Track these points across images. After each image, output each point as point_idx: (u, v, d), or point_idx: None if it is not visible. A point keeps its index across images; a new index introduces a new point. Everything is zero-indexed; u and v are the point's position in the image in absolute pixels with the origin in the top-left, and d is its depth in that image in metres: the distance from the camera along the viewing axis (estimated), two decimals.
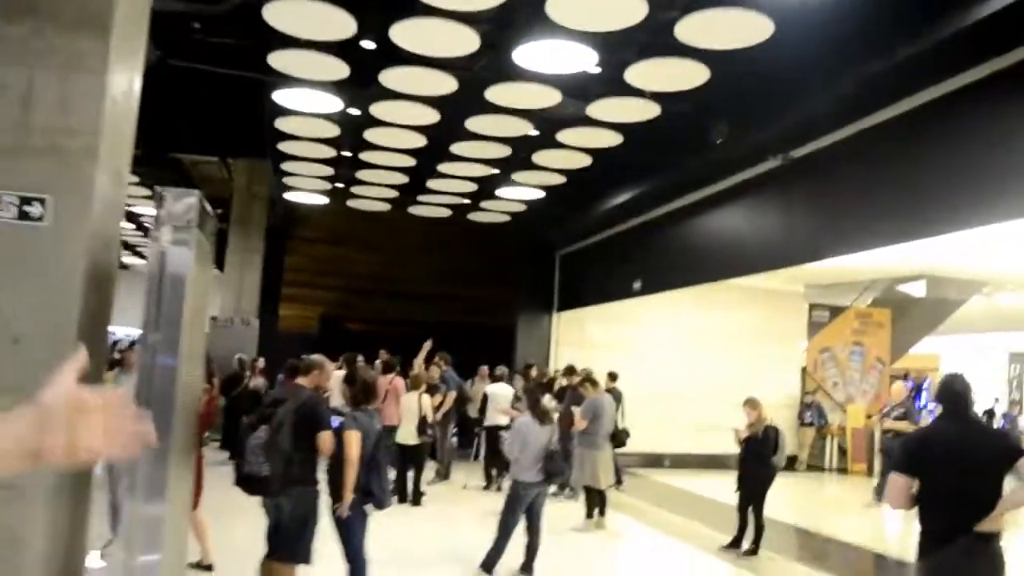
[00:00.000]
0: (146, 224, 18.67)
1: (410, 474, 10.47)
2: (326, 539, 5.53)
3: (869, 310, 17.08)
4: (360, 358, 13.44)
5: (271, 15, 6.58)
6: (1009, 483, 4.04)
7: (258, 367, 13.68)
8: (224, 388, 11.82)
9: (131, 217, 17.72)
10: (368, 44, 7.41)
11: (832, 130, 7.84)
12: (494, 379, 12.46)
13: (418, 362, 11.46)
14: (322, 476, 5.49)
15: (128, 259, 24.03)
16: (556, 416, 11.71)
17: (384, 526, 8.66)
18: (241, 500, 5.41)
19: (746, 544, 8.51)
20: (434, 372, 11.68)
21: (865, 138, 7.57)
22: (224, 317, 15.41)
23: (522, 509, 7.00)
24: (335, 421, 5.64)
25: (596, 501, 9.62)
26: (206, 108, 10.79)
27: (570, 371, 11.70)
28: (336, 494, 5.51)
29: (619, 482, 11.94)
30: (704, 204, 10.67)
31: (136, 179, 13.78)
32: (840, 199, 8.12)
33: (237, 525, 6.28)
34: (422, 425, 10.49)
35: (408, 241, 16.99)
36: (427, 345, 11.57)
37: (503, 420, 10.90)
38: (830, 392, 16.87)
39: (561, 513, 9.89)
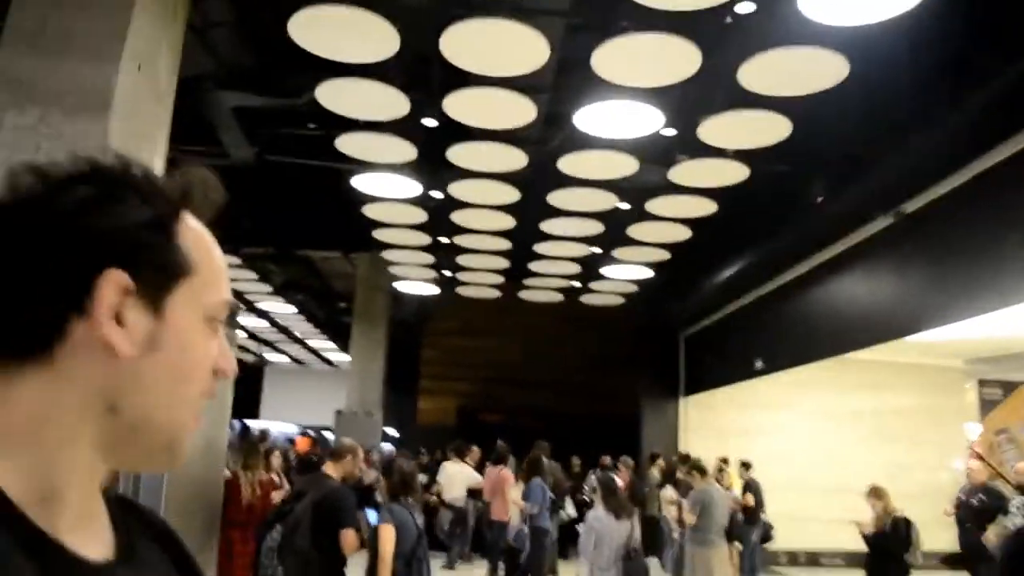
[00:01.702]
0: (277, 320, 19.35)
1: None
2: None
3: None
4: (475, 448, 13.19)
5: (324, 97, 6.59)
6: None
7: (372, 460, 13.53)
8: None
9: (262, 314, 18.42)
10: (429, 122, 7.31)
11: (942, 177, 6.93)
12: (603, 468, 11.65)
13: None
14: None
15: (269, 355, 25.01)
16: (675, 509, 10.88)
17: None
18: None
19: None
20: None
21: (979, 182, 6.63)
22: (349, 410, 15.52)
23: None
24: (373, 515, 5.24)
25: None
26: (317, 204, 11.06)
27: (685, 459, 10.82)
28: None
29: None
30: (817, 272, 9.73)
31: (255, 275, 14.33)
32: (964, 255, 7.10)
33: None
34: None
35: (526, 328, 16.75)
36: None
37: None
38: (1010, 479, 14.88)
39: None
